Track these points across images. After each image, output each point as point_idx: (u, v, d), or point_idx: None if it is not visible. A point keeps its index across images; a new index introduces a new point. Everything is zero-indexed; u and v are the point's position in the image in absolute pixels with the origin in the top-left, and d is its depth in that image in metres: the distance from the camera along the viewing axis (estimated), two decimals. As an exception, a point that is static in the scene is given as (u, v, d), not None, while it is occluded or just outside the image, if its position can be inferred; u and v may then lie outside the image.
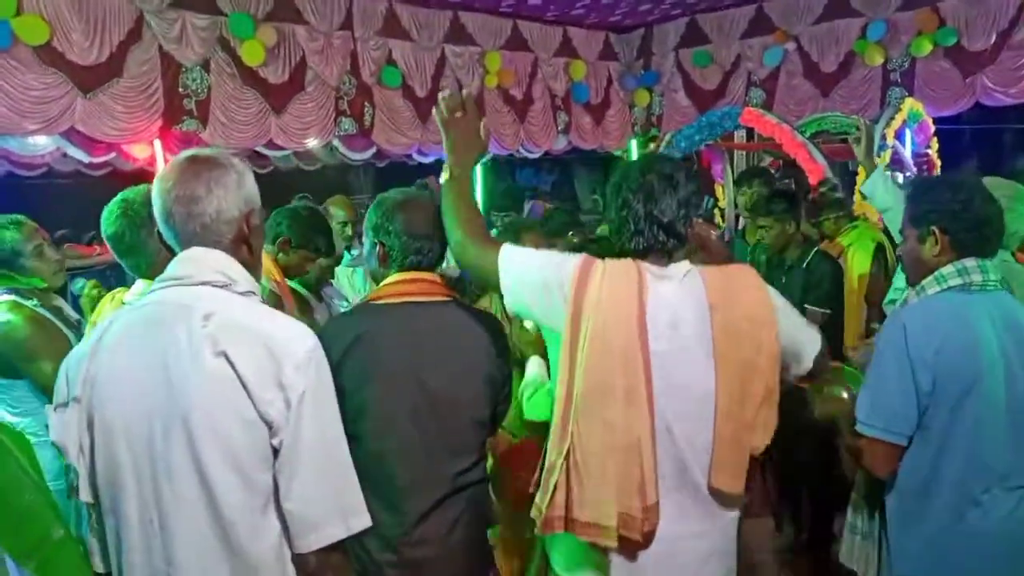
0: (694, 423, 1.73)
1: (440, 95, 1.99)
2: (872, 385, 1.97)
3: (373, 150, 7.44)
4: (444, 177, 1.93)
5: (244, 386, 1.37)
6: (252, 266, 1.56)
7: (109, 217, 2.08)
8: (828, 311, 3.58)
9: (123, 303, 2.07)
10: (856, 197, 4.89)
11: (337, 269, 3.60)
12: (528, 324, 3.02)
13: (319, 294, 3.18)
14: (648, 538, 1.69)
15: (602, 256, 1.80)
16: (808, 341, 1.90)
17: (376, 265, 1.99)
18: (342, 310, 3.09)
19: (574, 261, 1.76)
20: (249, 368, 1.37)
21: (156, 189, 1.51)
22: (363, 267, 3.82)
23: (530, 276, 1.78)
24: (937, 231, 1.93)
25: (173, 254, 1.53)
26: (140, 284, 2.09)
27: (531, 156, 8.88)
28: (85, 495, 1.49)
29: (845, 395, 2.35)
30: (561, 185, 13.85)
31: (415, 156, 7.87)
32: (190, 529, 1.39)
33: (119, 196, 2.09)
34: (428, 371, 1.88)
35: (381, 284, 1.97)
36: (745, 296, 1.76)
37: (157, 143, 5.87)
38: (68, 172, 7.51)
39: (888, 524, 2.02)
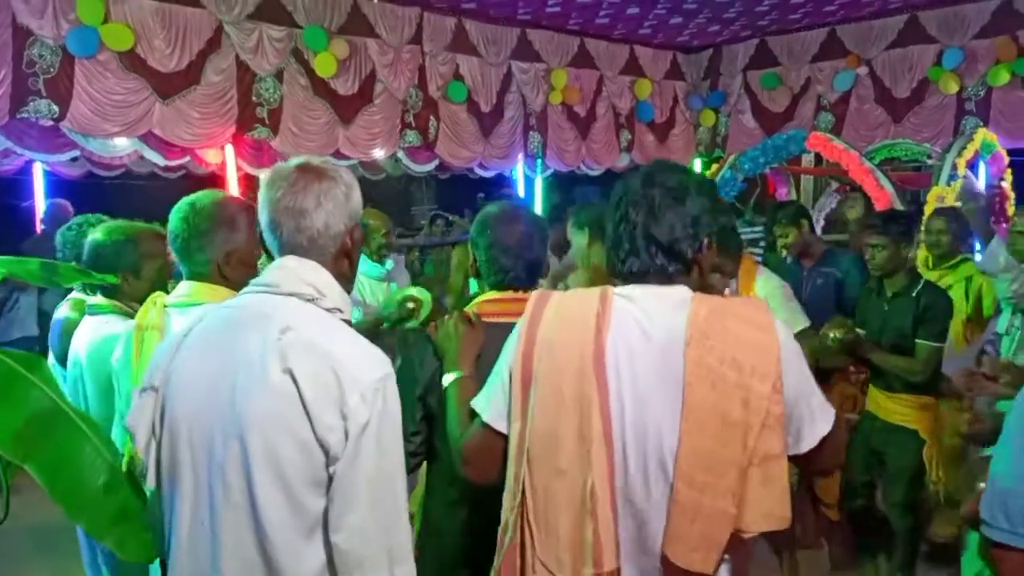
0: (651, 481, 1.43)
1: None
2: (1002, 478, 1.55)
3: (436, 162, 7.54)
4: (454, 376, 1.77)
5: (304, 407, 1.32)
6: (349, 280, 1.53)
7: (174, 216, 2.06)
8: (941, 345, 3.43)
9: (165, 306, 2.01)
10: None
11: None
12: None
13: None
14: None
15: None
16: (819, 415, 1.46)
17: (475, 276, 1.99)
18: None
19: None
20: (312, 390, 1.32)
21: (263, 197, 1.47)
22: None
23: (495, 379, 1.58)
24: None
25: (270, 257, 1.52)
26: (184, 286, 2.06)
27: (592, 173, 8.89)
28: (151, 480, 1.50)
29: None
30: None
31: (476, 170, 7.95)
32: (236, 537, 1.37)
33: (190, 198, 2.07)
34: None
35: (478, 299, 1.96)
36: (739, 335, 1.40)
37: (229, 148, 6.09)
38: (144, 174, 7.79)
39: None
